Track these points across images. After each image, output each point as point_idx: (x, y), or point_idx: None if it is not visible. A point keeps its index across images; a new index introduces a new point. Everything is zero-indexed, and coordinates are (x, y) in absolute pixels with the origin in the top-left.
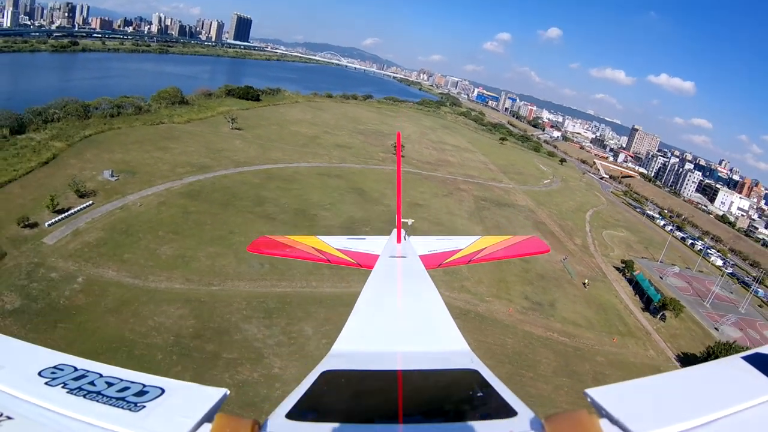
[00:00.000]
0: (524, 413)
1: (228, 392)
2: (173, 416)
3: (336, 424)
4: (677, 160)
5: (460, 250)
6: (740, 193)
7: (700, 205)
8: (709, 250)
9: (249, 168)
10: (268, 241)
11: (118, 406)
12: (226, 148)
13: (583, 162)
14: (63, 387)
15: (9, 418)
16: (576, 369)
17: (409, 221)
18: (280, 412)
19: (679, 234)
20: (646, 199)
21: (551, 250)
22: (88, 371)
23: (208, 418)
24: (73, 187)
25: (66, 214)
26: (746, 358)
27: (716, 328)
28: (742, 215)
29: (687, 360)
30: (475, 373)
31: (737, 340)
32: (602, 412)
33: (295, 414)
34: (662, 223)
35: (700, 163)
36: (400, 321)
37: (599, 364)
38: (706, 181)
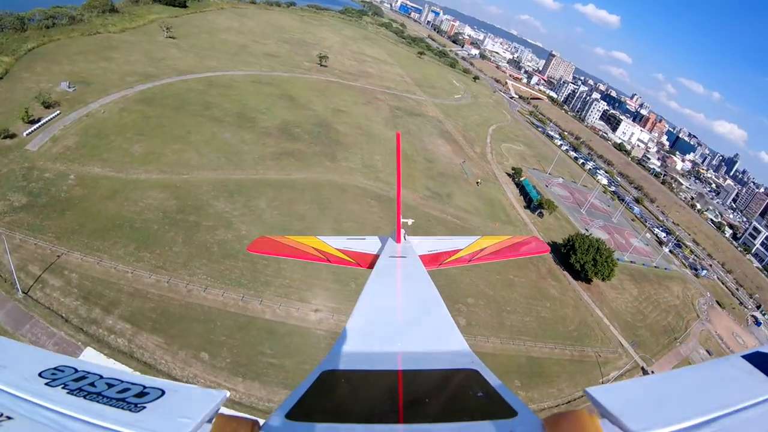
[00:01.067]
0: (524, 413)
1: (228, 393)
2: (173, 417)
3: (336, 424)
4: (587, 88)
5: (460, 250)
6: (643, 126)
7: (600, 132)
8: (597, 170)
9: (191, 76)
10: (267, 241)
11: (118, 407)
12: (165, 57)
13: (497, 81)
14: (63, 388)
15: (9, 418)
16: None
17: (409, 221)
18: (280, 412)
19: (573, 154)
20: (550, 121)
21: (454, 154)
22: (88, 372)
23: (208, 418)
24: (39, 99)
25: (39, 124)
26: (747, 357)
27: (586, 230)
28: (639, 146)
29: (554, 248)
30: (475, 373)
31: (605, 241)
32: (602, 412)
33: (295, 414)
34: (559, 143)
35: (611, 94)
36: (400, 321)
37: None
38: (611, 111)
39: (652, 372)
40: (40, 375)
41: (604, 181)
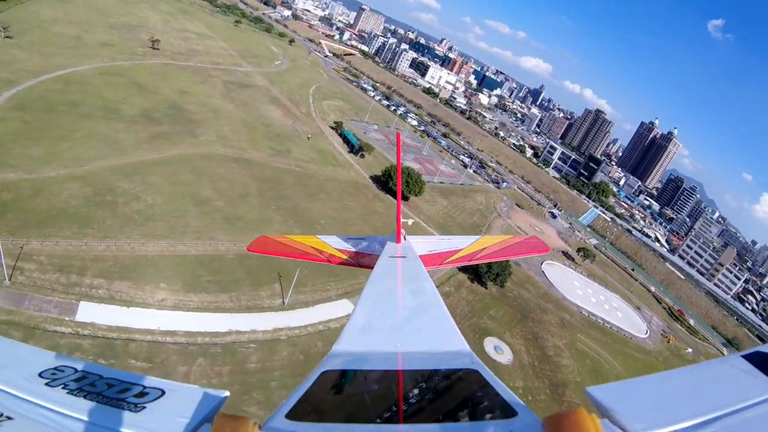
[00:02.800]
0: (524, 413)
1: (228, 394)
2: (173, 417)
3: (336, 424)
4: (395, 40)
5: (460, 250)
6: (451, 69)
7: (410, 79)
8: (408, 114)
9: (45, 77)
10: (268, 241)
11: (118, 407)
12: (14, 60)
13: (311, 41)
14: (63, 388)
15: (9, 418)
16: (306, 182)
17: (409, 221)
18: (280, 412)
19: (385, 102)
20: (363, 74)
21: (285, 117)
22: (88, 372)
23: (208, 418)
24: None
25: None
26: (747, 357)
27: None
28: (447, 88)
29: (376, 179)
30: (475, 373)
31: (417, 170)
32: (602, 412)
33: (295, 414)
34: (372, 94)
35: (421, 41)
36: (400, 321)
37: (320, 179)
38: (420, 58)
39: None
40: (40, 375)
41: (414, 123)
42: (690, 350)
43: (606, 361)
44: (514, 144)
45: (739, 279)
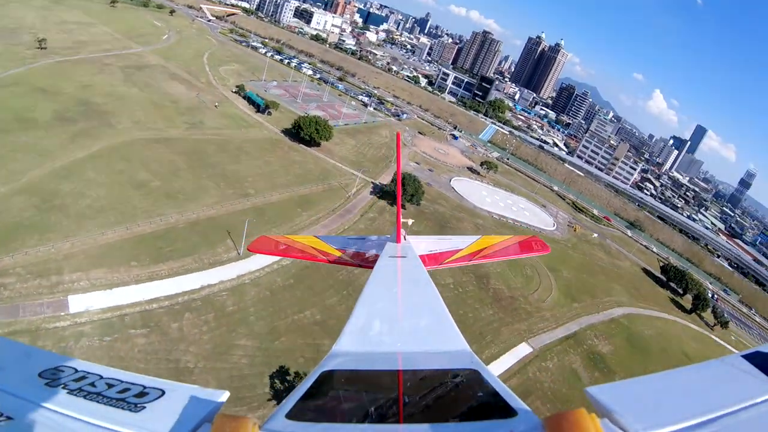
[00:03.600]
0: (524, 413)
1: (228, 394)
2: (173, 417)
3: (336, 424)
4: None
5: (461, 249)
6: (335, 12)
7: (297, 29)
8: (302, 65)
9: None
10: (268, 241)
11: (118, 407)
12: None
13: (191, 8)
14: (64, 388)
15: (10, 418)
16: (226, 148)
17: (409, 221)
18: (280, 412)
19: (278, 57)
20: (250, 32)
21: (188, 90)
22: (88, 373)
23: (208, 418)
24: None
25: None
26: (747, 357)
27: (306, 113)
28: (334, 31)
29: (287, 132)
30: (475, 373)
31: (322, 117)
32: (602, 412)
33: (295, 414)
34: (264, 51)
35: None
36: (400, 321)
37: (237, 143)
38: (302, 6)
39: None
40: (40, 375)
41: (310, 72)
42: (595, 235)
43: None
44: (407, 76)
45: (634, 170)
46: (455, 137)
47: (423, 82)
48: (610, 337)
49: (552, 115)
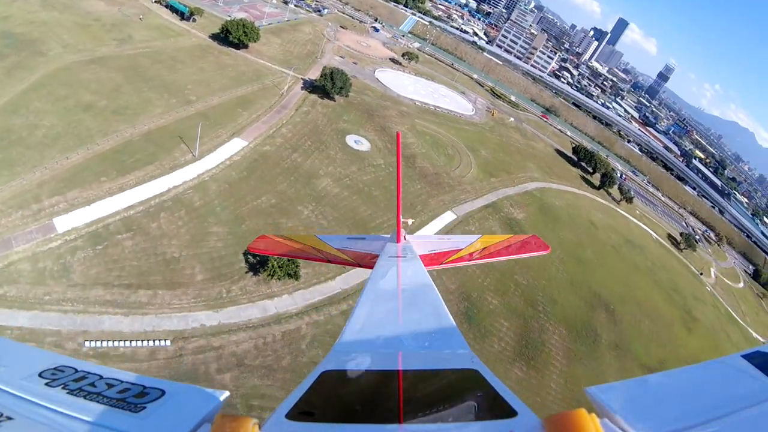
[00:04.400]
0: (524, 413)
1: (228, 394)
2: (173, 417)
3: (336, 425)
4: None
5: (461, 249)
6: None
7: None
8: None
9: None
10: (267, 241)
11: (118, 407)
12: None
13: None
14: (63, 388)
15: (9, 418)
16: (160, 59)
17: (409, 221)
18: (279, 412)
19: None
20: None
21: (107, 5)
22: (88, 373)
23: (208, 418)
24: None
25: None
26: (747, 357)
27: (229, 15)
28: None
29: (216, 37)
30: (475, 373)
31: (246, 18)
32: (602, 412)
33: (294, 414)
34: None
35: None
36: (400, 321)
37: (172, 50)
38: None
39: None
40: (40, 375)
41: None
42: (512, 119)
43: (442, 135)
44: None
45: (552, 59)
46: (376, 29)
47: None
48: (524, 206)
49: (473, 4)
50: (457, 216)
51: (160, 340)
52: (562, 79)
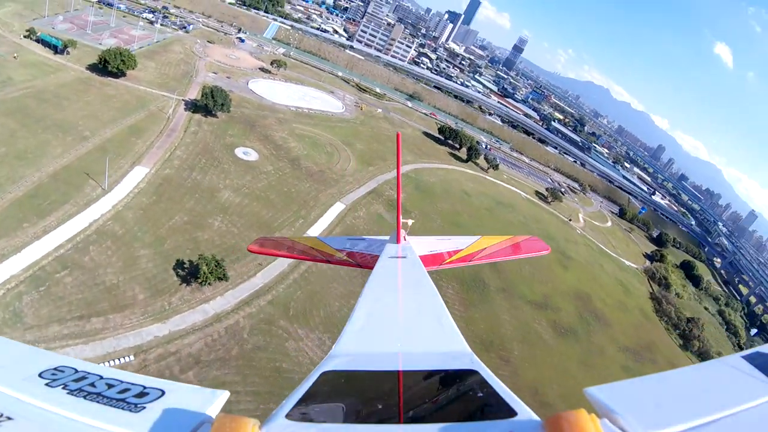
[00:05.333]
0: (524, 413)
1: (228, 393)
2: (174, 417)
3: (336, 425)
4: None
5: (461, 250)
6: None
7: None
8: None
9: None
10: (268, 241)
11: (118, 407)
12: None
13: None
14: (63, 388)
15: (9, 418)
16: (44, 97)
17: (409, 221)
18: (280, 412)
19: None
20: None
21: None
22: (88, 373)
23: (208, 418)
24: None
25: None
26: (747, 358)
27: (100, 43)
28: None
29: (93, 68)
30: (474, 373)
31: (116, 44)
32: (602, 412)
33: (295, 414)
34: None
35: None
36: (400, 321)
37: (55, 88)
38: None
39: None
40: (40, 375)
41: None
42: (380, 110)
43: (319, 135)
44: None
45: (410, 47)
46: (242, 40)
47: None
48: (402, 187)
49: (330, 0)
50: (345, 205)
51: (124, 357)
52: (422, 65)
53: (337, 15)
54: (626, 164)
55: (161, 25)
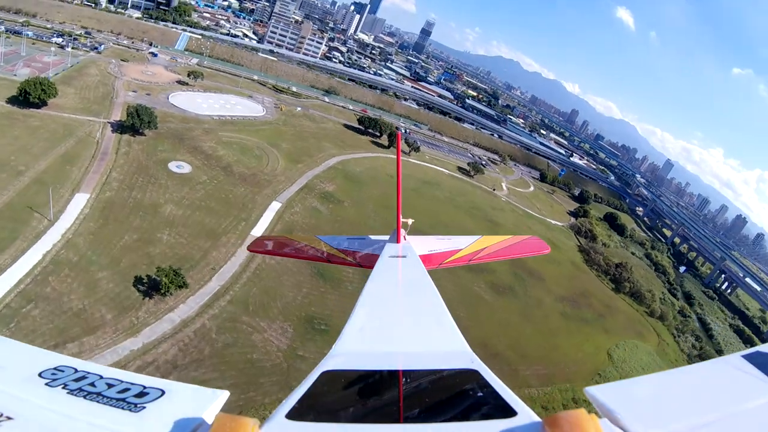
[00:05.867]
0: (524, 413)
1: (228, 393)
2: (173, 417)
3: (336, 424)
4: None
5: (461, 249)
6: None
7: None
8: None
9: None
10: (268, 241)
11: (118, 407)
12: None
13: None
14: (63, 388)
15: (9, 418)
16: None
17: (409, 221)
18: (280, 412)
19: None
20: None
21: None
22: (88, 373)
23: (208, 418)
24: None
25: None
26: (747, 357)
27: (15, 74)
28: None
29: (12, 101)
30: (475, 373)
31: (31, 73)
32: (602, 412)
33: (295, 414)
34: None
35: None
36: (400, 321)
37: None
38: None
39: None
40: (40, 375)
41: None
42: (299, 108)
43: (245, 140)
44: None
45: (321, 43)
46: (154, 54)
47: (103, 2)
48: (332, 179)
49: (236, 4)
50: (281, 203)
51: None
52: (334, 60)
53: (244, 18)
54: (542, 131)
55: (72, 48)
